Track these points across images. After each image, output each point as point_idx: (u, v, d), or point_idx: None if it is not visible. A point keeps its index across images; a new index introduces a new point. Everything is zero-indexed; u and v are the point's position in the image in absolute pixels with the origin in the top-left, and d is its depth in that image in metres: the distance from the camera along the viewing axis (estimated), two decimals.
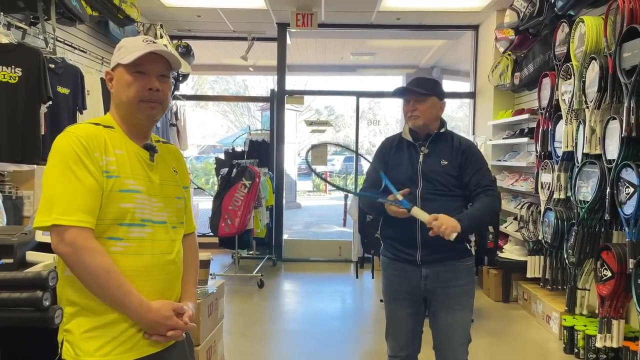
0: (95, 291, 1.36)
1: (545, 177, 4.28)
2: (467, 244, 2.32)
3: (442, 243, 2.18)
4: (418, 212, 2.12)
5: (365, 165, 14.83)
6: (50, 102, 3.41)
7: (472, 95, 6.77)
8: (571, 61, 3.83)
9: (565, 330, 3.79)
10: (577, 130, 3.72)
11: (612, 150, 3.23)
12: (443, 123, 2.40)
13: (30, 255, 1.96)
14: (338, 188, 3.75)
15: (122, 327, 1.39)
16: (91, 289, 1.36)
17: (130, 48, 1.46)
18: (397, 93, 2.40)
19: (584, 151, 3.56)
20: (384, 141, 2.52)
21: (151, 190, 1.48)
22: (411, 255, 2.29)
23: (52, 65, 3.54)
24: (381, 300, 4.89)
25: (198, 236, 1.78)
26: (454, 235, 2.07)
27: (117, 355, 1.38)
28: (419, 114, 2.30)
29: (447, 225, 2.07)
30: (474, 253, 2.36)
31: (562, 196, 4.01)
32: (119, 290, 1.35)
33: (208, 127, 22.59)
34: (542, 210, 4.26)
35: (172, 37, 6.48)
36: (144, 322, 1.40)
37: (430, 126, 2.34)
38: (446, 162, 2.30)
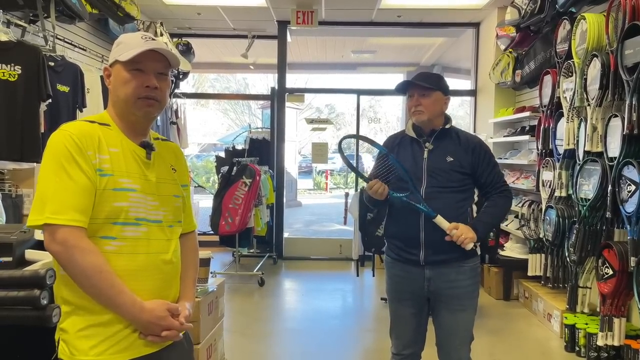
0: (87, 290, 1.34)
1: (547, 175, 4.27)
2: (473, 244, 2.29)
3: (446, 243, 2.17)
4: (440, 220, 2.19)
5: (366, 163, 14.83)
6: (50, 100, 3.40)
7: (473, 93, 6.76)
8: (572, 58, 3.82)
9: (566, 329, 3.78)
10: (579, 128, 3.70)
11: (614, 148, 3.21)
12: (448, 119, 2.35)
13: (30, 254, 1.94)
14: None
15: (117, 326, 1.38)
16: (84, 288, 1.34)
17: (129, 44, 1.44)
18: (401, 87, 2.35)
19: (586, 149, 3.55)
20: (385, 141, 2.49)
21: (147, 189, 1.45)
22: (414, 255, 2.26)
23: (52, 63, 3.53)
24: (382, 299, 4.91)
25: (198, 234, 1.76)
26: (471, 245, 2.17)
27: (112, 354, 1.37)
28: (423, 109, 2.26)
29: (466, 236, 2.15)
30: (479, 253, 2.32)
31: (564, 194, 3.99)
32: (112, 290, 1.34)
33: (208, 125, 22.63)
34: (543, 208, 4.25)
35: (172, 35, 6.47)
36: (138, 322, 1.39)
37: (434, 122, 2.30)
38: (452, 159, 2.26)
